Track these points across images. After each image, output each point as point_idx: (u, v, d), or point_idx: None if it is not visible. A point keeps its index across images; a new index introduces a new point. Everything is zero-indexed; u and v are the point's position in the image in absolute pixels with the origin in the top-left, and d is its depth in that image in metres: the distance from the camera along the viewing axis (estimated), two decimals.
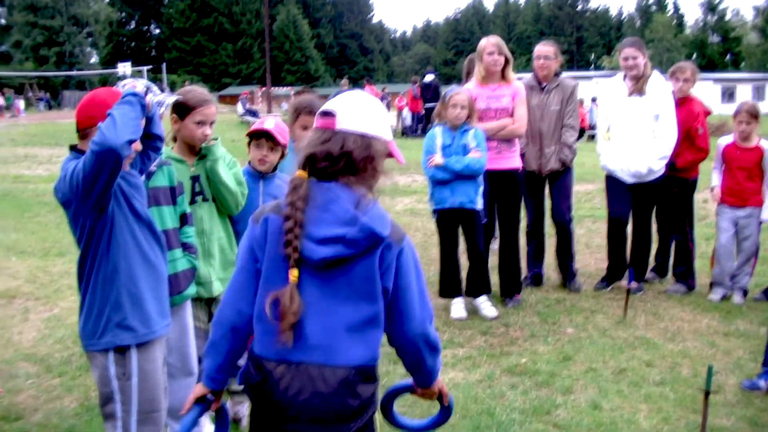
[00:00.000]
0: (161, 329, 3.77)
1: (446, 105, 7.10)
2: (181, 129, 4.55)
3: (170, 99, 4.24)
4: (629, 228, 8.22)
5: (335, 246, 2.68)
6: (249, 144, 5.00)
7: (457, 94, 7.08)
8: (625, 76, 7.99)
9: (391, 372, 5.85)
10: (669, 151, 7.83)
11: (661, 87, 7.87)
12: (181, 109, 4.51)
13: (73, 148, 3.67)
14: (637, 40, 8.14)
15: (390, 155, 2.90)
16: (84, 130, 3.61)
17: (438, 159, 7.07)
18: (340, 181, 2.75)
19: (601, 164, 8.16)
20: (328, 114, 2.80)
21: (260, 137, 4.91)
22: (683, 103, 8.06)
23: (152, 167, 4.14)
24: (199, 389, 3.00)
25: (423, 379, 3.04)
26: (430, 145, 7.19)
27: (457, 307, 7.35)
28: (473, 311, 7.37)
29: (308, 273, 2.72)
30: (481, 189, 7.21)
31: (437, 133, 7.19)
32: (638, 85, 7.82)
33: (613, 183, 8.16)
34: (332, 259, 2.69)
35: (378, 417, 2.92)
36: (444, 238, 7.33)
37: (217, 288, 4.69)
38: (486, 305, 7.37)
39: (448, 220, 7.23)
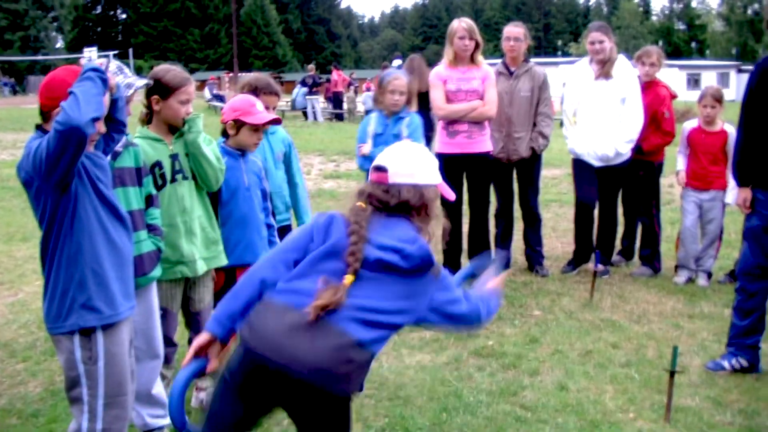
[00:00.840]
0: (126, 311, 3.73)
1: (384, 90, 6.65)
2: (164, 109, 4.51)
3: (140, 82, 4.19)
4: (596, 212, 8.26)
5: (393, 255, 2.96)
6: (235, 128, 4.95)
7: (396, 79, 6.66)
8: (591, 60, 8.01)
9: None
10: (636, 134, 7.89)
11: (627, 71, 7.93)
12: (163, 90, 4.47)
13: (38, 127, 3.61)
14: (603, 25, 8.19)
15: (442, 196, 3.24)
16: (48, 112, 3.55)
17: (366, 148, 6.68)
18: (399, 215, 3.10)
19: (569, 148, 8.19)
20: (380, 169, 3.14)
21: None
22: (649, 87, 8.11)
23: (118, 147, 4.09)
24: (202, 337, 3.06)
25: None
26: (363, 132, 6.81)
27: None
28: None
29: (363, 269, 2.97)
30: None
31: (371, 120, 6.79)
32: (605, 69, 7.86)
33: (579, 167, 8.20)
34: (386, 263, 2.96)
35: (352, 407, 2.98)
36: None
37: (201, 267, 4.66)
38: None
39: None
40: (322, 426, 2.95)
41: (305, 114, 32.57)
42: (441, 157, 7.51)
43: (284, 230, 5.68)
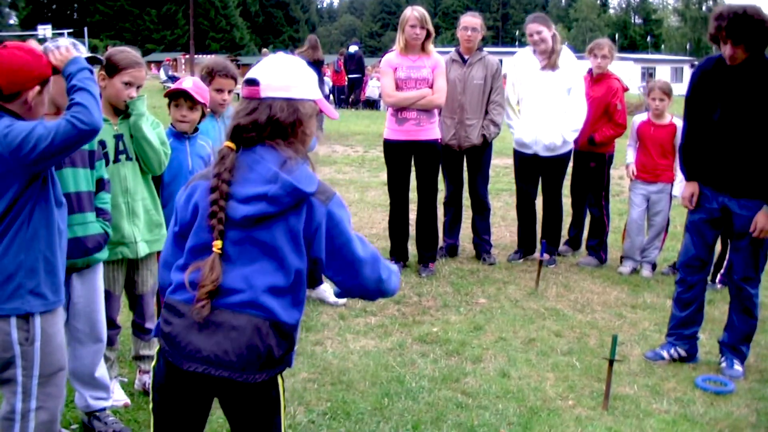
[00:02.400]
0: (64, 296, 3.71)
1: None
2: (108, 87, 4.46)
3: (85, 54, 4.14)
4: (541, 201, 8.34)
5: (258, 204, 2.69)
6: (169, 106, 4.97)
7: None
8: (534, 51, 8.08)
9: (303, 339, 5.86)
10: (581, 123, 7.99)
11: (571, 62, 8.04)
12: (111, 68, 4.43)
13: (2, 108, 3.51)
14: (540, 15, 8.23)
15: (320, 112, 2.93)
16: (12, 95, 3.47)
17: None
18: (266, 144, 2.77)
19: (515, 137, 8.24)
20: (251, 82, 2.81)
21: (178, 97, 4.93)
22: (601, 79, 8.20)
23: None
24: None
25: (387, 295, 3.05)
26: None
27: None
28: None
29: (233, 231, 2.73)
30: None
31: None
32: (551, 60, 7.92)
33: (521, 157, 8.29)
34: (254, 216, 2.69)
35: (281, 383, 2.88)
36: None
37: (143, 249, 4.62)
38: (330, 294, 6.76)
39: None
40: (254, 414, 2.89)
41: None
42: (389, 143, 7.56)
43: None
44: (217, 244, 2.70)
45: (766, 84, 5.18)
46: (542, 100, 7.99)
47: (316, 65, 7.65)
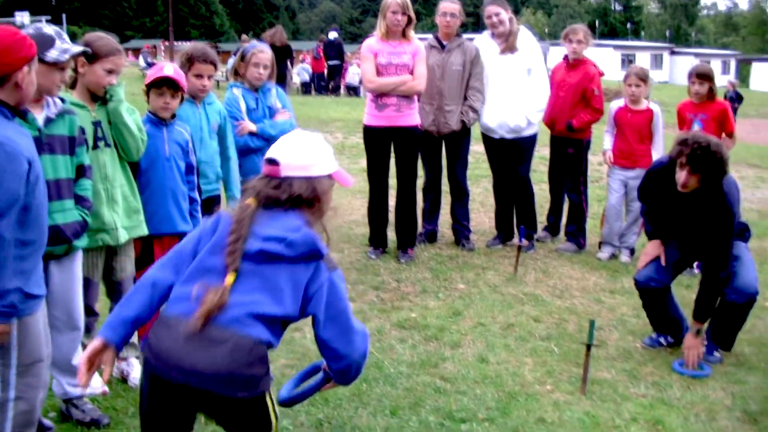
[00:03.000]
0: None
1: (248, 63, 6.34)
2: (88, 74, 4.43)
3: (76, 49, 4.10)
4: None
5: (276, 244, 2.90)
6: (148, 93, 4.93)
7: (261, 52, 6.35)
8: (492, 35, 8.10)
9: None
10: (544, 103, 8.08)
11: (530, 42, 8.10)
12: (91, 55, 4.39)
13: None
14: None
15: (338, 182, 3.16)
16: (1, 78, 3.41)
17: (251, 125, 6.31)
18: (289, 208, 3.01)
19: (481, 122, 8.25)
20: (272, 162, 3.02)
21: (162, 85, 4.88)
22: (578, 65, 8.21)
23: (52, 114, 4.01)
24: (95, 343, 2.97)
25: (347, 382, 3.23)
26: (235, 109, 6.32)
27: None
28: (367, 267, 7.42)
29: (244, 262, 2.91)
30: None
31: (238, 96, 6.38)
32: (509, 42, 7.98)
33: (489, 141, 8.34)
34: (268, 253, 2.89)
35: (270, 401, 2.98)
36: None
37: (123, 236, 4.59)
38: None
39: None
40: (243, 426, 2.95)
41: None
42: (369, 129, 7.55)
43: (212, 200, 5.66)
44: (230, 278, 2.86)
45: (712, 208, 5.30)
46: (504, 84, 8.03)
47: (278, 50, 7.59)
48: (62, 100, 4.08)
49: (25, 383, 3.61)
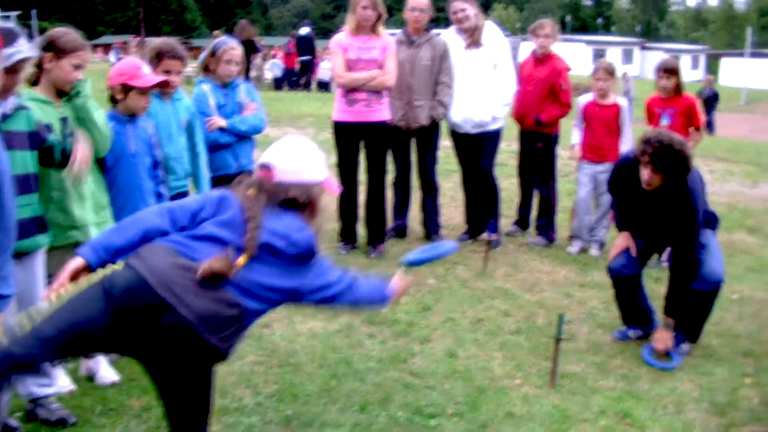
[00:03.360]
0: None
1: (219, 60, 6.25)
2: (55, 69, 4.38)
3: (23, 55, 4.04)
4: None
5: (281, 240, 3.11)
6: (122, 92, 4.85)
7: (232, 48, 6.29)
8: (458, 30, 8.09)
9: None
10: (510, 98, 8.09)
11: (496, 36, 8.07)
12: (59, 50, 4.35)
13: None
14: None
15: (327, 190, 3.38)
16: None
17: (221, 121, 6.25)
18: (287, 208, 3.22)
19: (447, 117, 8.21)
20: (266, 167, 3.19)
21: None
22: (545, 59, 8.22)
23: (8, 110, 3.96)
24: (75, 261, 3.06)
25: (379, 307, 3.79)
26: (204, 105, 6.23)
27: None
28: (337, 262, 7.38)
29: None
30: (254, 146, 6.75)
31: (207, 92, 6.31)
32: (474, 37, 7.95)
33: (456, 136, 8.34)
34: (272, 247, 3.09)
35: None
36: None
37: (93, 232, 4.53)
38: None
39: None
40: (183, 382, 2.96)
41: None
42: (339, 125, 7.52)
43: (180, 196, 5.60)
44: (242, 261, 3.05)
45: (676, 204, 5.38)
46: (469, 79, 8.00)
47: (246, 45, 7.56)
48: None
49: None
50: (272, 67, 31.76)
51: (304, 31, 30.42)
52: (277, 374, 5.03)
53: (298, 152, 3.26)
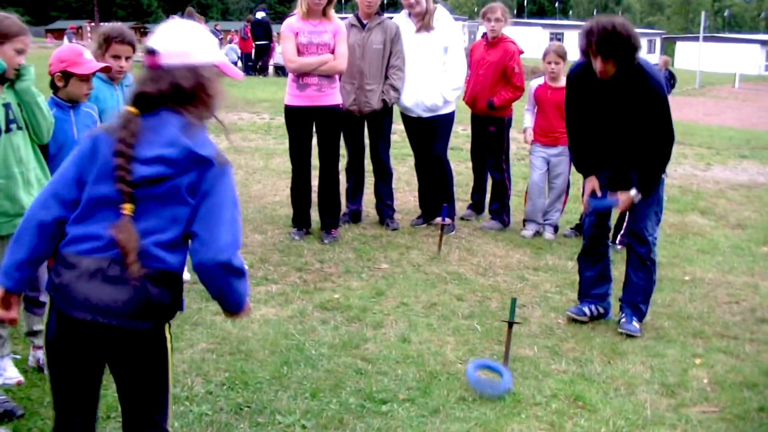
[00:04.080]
0: None
1: None
2: None
3: None
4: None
5: (157, 166, 2.75)
6: (63, 79, 4.75)
7: None
8: (409, 14, 8.06)
9: (203, 309, 5.76)
10: (462, 81, 8.11)
11: (447, 20, 8.07)
12: (0, 36, 4.25)
13: None
14: None
15: (224, 74, 2.97)
16: None
17: None
18: (171, 108, 2.82)
19: (399, 101, 8.18)
20: (151, 52, 2.85)
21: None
22: (497, 43, 8.22)
23: None
24: None
25: (231, 306, 2.98)
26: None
27: None
28: (290, 248, 7.35)
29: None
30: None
31: None
32: (425, 21, 7.93)
33: (407, 120, 8.30)
34: (152, 177, 2.75)
35: (168, 330, 2.93)
36: None
37: None
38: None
39: None
40: (142, 363, 2.88)
41: None
42: (290, 109, 7.46)
43: None
44: (127, 207, 2.74)
45: (638, 90, 5.37)
46: (420, 63, 7.98)
47: None
48: None
49: None
50: (228, 52, 31.51)
51: (260, 15, 30.22)
52: (228, 362, 4.97)
53: (184, 33, 2.91)
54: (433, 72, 7.92)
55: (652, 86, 5.36)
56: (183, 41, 2.88)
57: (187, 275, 6.05)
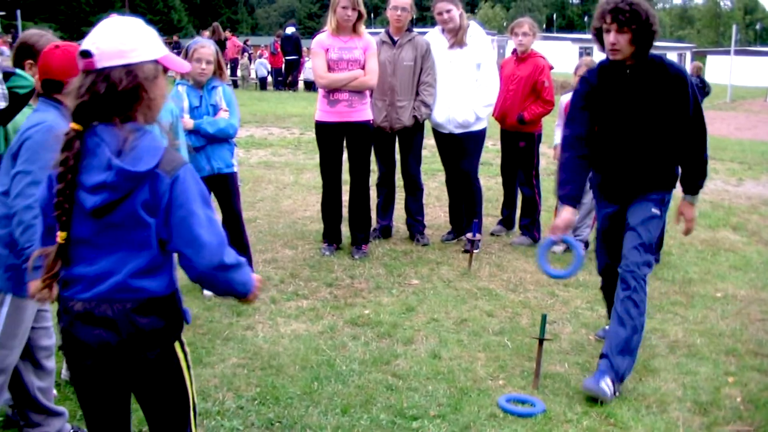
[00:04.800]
0: None
1: (190, 59, 6.19)
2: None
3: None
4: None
5: (102, 193, 2.61)
6: None
7: (202, 47, 6.23)
8: (442, 30, 8.04)
9: (234, 324, 5.80)
10: (494, 98, 8.03)
11: (480, 36, 8.04)
12: (37, 56, 4.31)
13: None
14: None
15: (167, 69, 2.80)
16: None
17: (188, 122, 6.22)
18: (110, 122, 2.65)
19: (431, 117, 8.16)
20: (85, 54, 2.66)
21: None
22: (526, 58, 8.22)
23: None
24: None
25: (240, 295, 2.88)
26: (177, 106, 6.10)
27: None
28: (321, 263, 7.37)
29: (89, 219, 2.67)
30: (235, 150, 6.65)
31: (182, 93, 6.33)
32: (458, 37, 7.90)
33: (439, 136, 8.27)
34: (101, 206, 2.62)
35: (180, 348, 2.87)
36: None
37: None
38: None
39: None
40: (158, 386, 2.86)
41: None
42: (321, 125, 7.50)
43: None
44: (62, 235, 2.66)
45: (660, 82, 4.91)
46: (452, 79, 7.97)
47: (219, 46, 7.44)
48: None
49: None
50: (258, 67, 31.72)
51: (290, 30, 30.38)
52: (259, 377, 5.00)
53: (118, 31, 2.70)
54: (465, 88, 7.91)
55: (675, 74, 4.91)
56: (117, 40, 2.67)
57: (207, 292, 6.14)
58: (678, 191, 5.25)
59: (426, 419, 4.53)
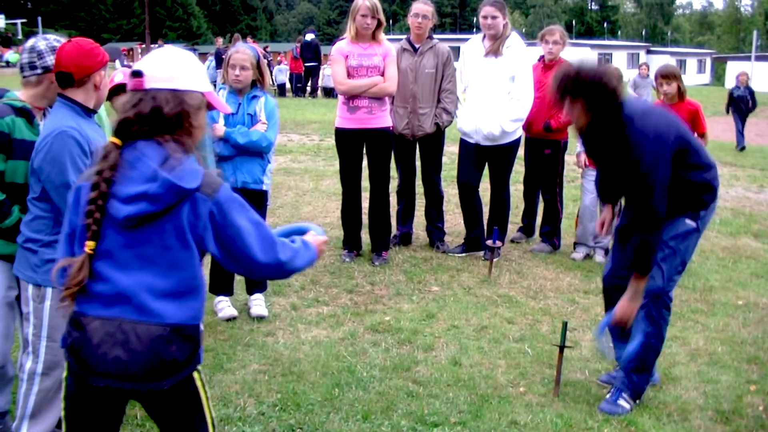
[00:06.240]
0: None
1: (226, 64, 6.14)
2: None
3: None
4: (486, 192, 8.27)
5: (139, 203, 2.63)
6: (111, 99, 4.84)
7: (237, 53, 6.06)
8: (484, 37, 7.95)
9: (255, 330, 5.81)
10: (524, 113, 7.79)
11: (518, 48, 7.81)
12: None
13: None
14: (497, 0, 7.95)
15: (210, 107, 2.89)
16: (81, 79, 3.80)
17: (219, 129, 5.98)
18: (150, 139, 2.70)
19: (458, 126, 8.14)
20: (136, 74, 2.76)
21: (120, 91, 4.83)
22: (554, 65, 8.15)
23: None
24: None
25: (311, 265, 3.04)
26: (211, 112, 6.08)
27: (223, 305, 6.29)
28: (341, 270, 7.39)
29: (119, 233, 2.68)
30: (270, 167, 6.33)
31: (221, 98, 5.82)
32: (494, 45, 7.74)
33: (464, 146, 8.13)
34: (136, 216, 2.64)
35: (198, 377, 2.84)
36: None
37: None
38: (259, 303, 6.34)
39: None
40: (173, 416, 2.83)
41: (215, 86, 32.22)
42: (341, 131, 7.51)
43: None
44: (90, 245, 2.66)
45: (621, 154, 4.64)
46: (483, 88, 7.83)
47: None
48: None
49: (50, 359, 3.78)
50: (276, 74, 31.81)
51: (309, 37, 30.52)
52: (280, 383, 5.02)
53: (171, 59, 2.82)
54: (495, 100, 7.72)
55: (632, 156, 4.56)
56: (169, 66, 2.79)
57: (234, 311, 6.13)
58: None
59: (447, 426, 4.54)
